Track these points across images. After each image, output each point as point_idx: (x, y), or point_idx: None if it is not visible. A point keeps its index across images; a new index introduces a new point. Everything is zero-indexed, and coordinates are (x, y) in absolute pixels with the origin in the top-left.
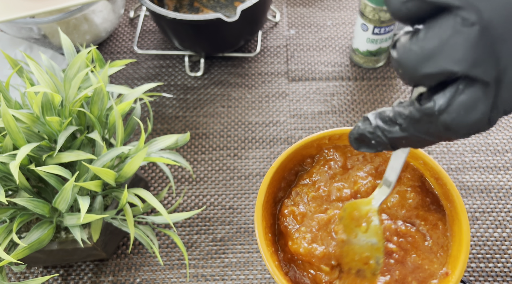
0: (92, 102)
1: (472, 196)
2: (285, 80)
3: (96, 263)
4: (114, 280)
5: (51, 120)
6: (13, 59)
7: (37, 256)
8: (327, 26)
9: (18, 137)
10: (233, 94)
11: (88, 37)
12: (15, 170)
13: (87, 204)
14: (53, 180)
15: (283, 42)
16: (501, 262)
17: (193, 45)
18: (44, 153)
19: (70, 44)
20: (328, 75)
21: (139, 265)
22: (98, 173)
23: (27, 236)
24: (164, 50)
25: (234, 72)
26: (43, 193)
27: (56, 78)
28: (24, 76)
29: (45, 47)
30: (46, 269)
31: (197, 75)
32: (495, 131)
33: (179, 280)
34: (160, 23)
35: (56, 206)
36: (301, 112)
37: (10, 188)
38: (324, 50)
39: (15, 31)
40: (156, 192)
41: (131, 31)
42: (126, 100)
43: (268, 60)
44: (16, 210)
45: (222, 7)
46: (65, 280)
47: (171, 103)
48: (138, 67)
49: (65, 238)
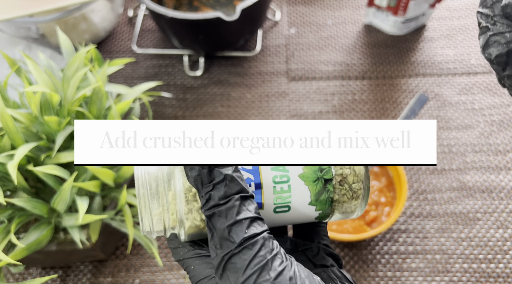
0: (90, 102)
1: (474, 196)
2: (285, 79)
3: (95, 264)
4: (113, 281)
5: (50, 120)
6: (12, 59)
7: (35, 256)
8: (328, 25)
9: (16, 137)
10: (232, 94)
11: (87, 36)
12: (13, 170)
13: (85, 205)
14: (52, 180)
15: (283, 41)
16: (503, 262)
17: (193, 44)
18: (43, 153)
19: (68, 43)
20: (328, 75)
21: (138, 266)
22: (96, 173)
23: (26, 236)
24: (163, 49)
25: (233, 72)
26: (41, 193)
27: (55, 77)
28: (22, 76)
29: (44, 46)
30: (44, 270)
31: (196, 74)
32: (497, 131)
33: (178, 281)
34: (159, 22)
35: (54, 206)
36: (301, 112)
37: (8, 188)
38: (325, 49)
39: (14, 30)
40: None
41: (130, 30)
42: (125, 100)
43: (268, 60)
44: (14, 211)
45: (221, 6)
46: (64, 281)
47: (171, 103)
48: (137, 66)
49: (64, 238)
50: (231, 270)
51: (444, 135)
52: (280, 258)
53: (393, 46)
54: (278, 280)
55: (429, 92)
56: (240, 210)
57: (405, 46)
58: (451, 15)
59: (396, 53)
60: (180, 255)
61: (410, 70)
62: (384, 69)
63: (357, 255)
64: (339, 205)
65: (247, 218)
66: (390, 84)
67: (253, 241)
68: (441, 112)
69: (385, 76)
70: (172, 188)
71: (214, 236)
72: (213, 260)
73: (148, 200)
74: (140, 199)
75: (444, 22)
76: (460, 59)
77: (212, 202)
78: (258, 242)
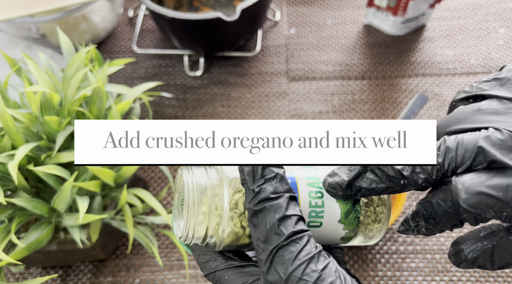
0: (91, 102)
1: None
2: (285, 79)
3: (95, 264)
4: (113, 281)
5: (50, 120)
6: (12, 59)
7: (36, 256)
8: (328, 25)
9: (17, 137)
10: (232, 94)
11: (87, 36)
12: (14, 170)
13: (86, 204)
14: (52, 180)
15: (283, 41)
16: None
17: (193, 44)
18: (43, 153)
19: (69, 43)
20: (328, 75)
21: (138, 265)
22: (97, 173)
23: (26, 236)
24: (163, 49)
25: (233, 72)
26: (41, 193)
27: (55, 77)
28: (23, 76)
29: (44, 46)
30: (45, 269)
31: (196, 74)
32: None
33: (178, 280)
34: (160, 22)
35: (55, 206)
36: (301, 112)
37: (9, 188)
38: (325, 49)
39: (14, 30)
40: (156, 192)
41: (130, 31)
42: (125, 100)
43: (268, 60)
44: (14, 210)
45: (221, 6)
46: (64, 281)
47: (171, 103)
48: (137, 66)
49: (64, 238)
50: (279, 262)
51: None
52: (324, 255)
53: (392, 46)
54: (324, 271)
55: (428, 92)
56: (289, 206)
57: (404, 46)
58: (450, 15)
59: (396, 53)
60: (212, 268)
61: (409, 70)
62: (384, 69)
63: (356, 254)
64: (362, 227)
65: (295, 215)
66: (390, 84)
67: (300, 236)
68: (441, 112)
69: (385, 76)
70: (219, 194)
71: (260, 231)
72: (260, 255)
73: (196, 206)
74: (187, 205)
75: (443, 22)
76: (460, 59)
77: (263, 194)
78: (305, 237)
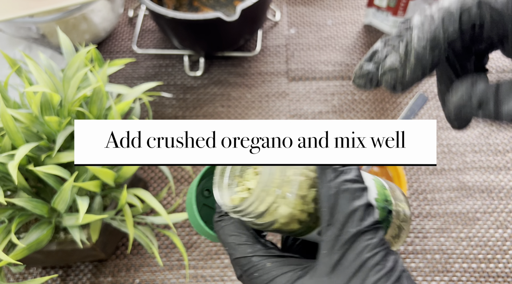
0: (91, 102)
1: (473, 196)
2: (285, 79)
3: (95, 264)
4: (113, 281)
5: (50, 120)
6: (12, 59)
7: (36, 256)
8: (328, 25)
9: (17, 137)
10: (233, 94)
11: (87, 36)
12: (14, 170)
13: (86, 204)
14: (52, 180)
15: (283, 41)
16: (502, 262)
17: (193, 44)
18: (43, 153)
19: (69, 43)
20: (328, 75)
21: (138, 265)
22: (97, 173)
23: (26, 236)
24: (163, 49)
25: (233, 72)
26: (42, 193)
27: (55, 78)
28: (23, 76)
29: (44, 46)
30: (45, 269)
31: (196, 75)
32: (496, 131)
33: (178, 280)
34: (160, 23)
35: (55, 206)
36: (301, 112)
37: (9, 188)
38: (325, 50)
39: (14, 30)
40: (156, 192)
41: (130, 31)
42: (125, 100)
43: (268, 60)
44: (14, 210)
45: (221, 6)
46: (64, 281)
47: (171, 103)
48: (137, 66)
49: (64, 238)
50: (356, 249)
51: (444, 135)
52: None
53: None
54: (399, 262)
55: (429, 92)
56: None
57: None
58: None
59: None
60: (248, 252)
61: None
62: None
63: None
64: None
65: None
66: None
67: (379, 226)
68: (441, 112)
69: None
70: (288, 174)
71: (339, 213)
72: (335, 240)
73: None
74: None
75: None
76: None
77: (348, 175)
78: (382, 228)
